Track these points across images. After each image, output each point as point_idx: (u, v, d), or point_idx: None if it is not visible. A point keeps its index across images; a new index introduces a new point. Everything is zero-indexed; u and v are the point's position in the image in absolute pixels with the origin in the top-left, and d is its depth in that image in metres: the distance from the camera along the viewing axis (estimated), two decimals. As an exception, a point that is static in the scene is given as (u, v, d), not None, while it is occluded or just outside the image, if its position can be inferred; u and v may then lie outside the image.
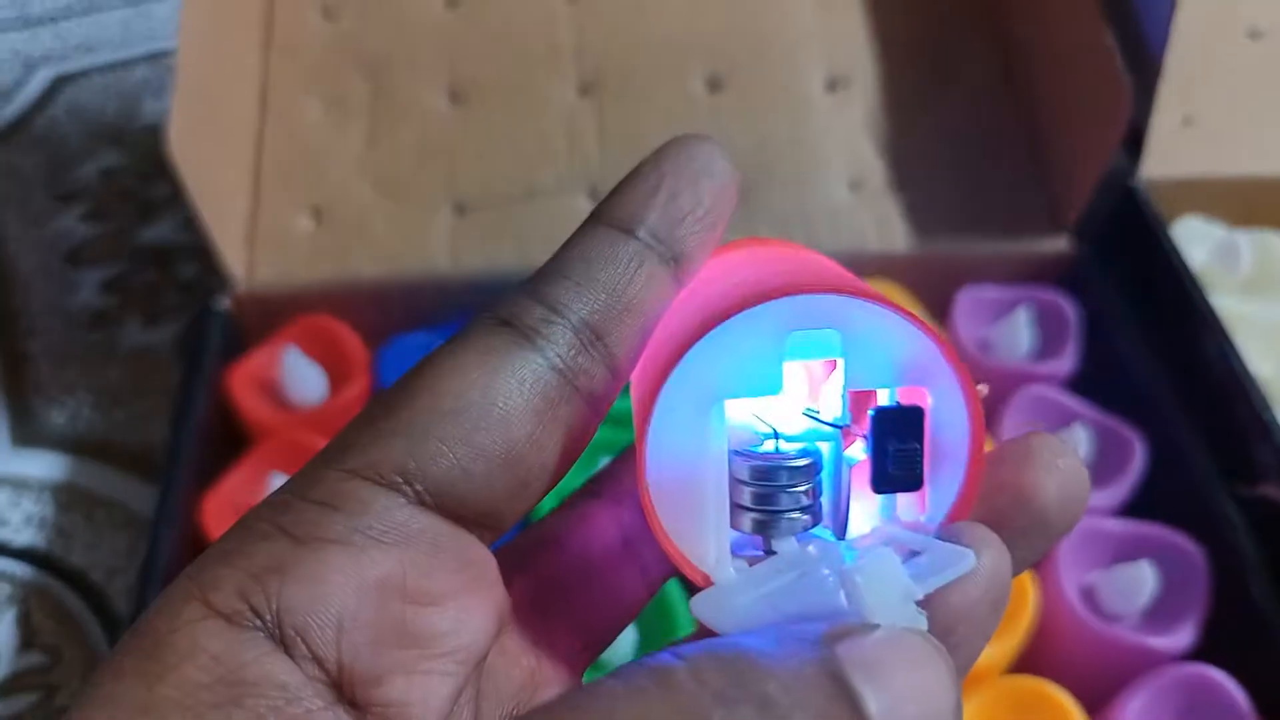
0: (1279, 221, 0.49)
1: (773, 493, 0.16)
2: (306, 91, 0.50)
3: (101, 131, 0.61)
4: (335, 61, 0.51)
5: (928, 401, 0.16)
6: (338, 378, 0.45)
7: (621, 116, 0.50)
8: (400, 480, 0.15)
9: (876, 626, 0.14)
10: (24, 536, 0.45)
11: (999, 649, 0.36)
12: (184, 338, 0.52)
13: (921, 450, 0.16)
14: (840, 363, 0.16)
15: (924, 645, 0.14)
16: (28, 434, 0.49)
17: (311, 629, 0.14)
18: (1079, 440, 0.41)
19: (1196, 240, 0.48)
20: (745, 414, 0.17)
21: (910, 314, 0.16)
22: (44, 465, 0.48)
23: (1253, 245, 0.47)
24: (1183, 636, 0.37)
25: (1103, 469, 0.41)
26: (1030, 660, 0.38)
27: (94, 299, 0.54)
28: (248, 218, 0.48)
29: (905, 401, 0.16)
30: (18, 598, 0.43)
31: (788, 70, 0.51)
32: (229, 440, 0.45)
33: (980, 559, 0.15)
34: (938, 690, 0.14)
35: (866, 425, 0.16)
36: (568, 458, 0.17)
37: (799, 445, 0.17)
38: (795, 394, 0.17)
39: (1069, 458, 0.17)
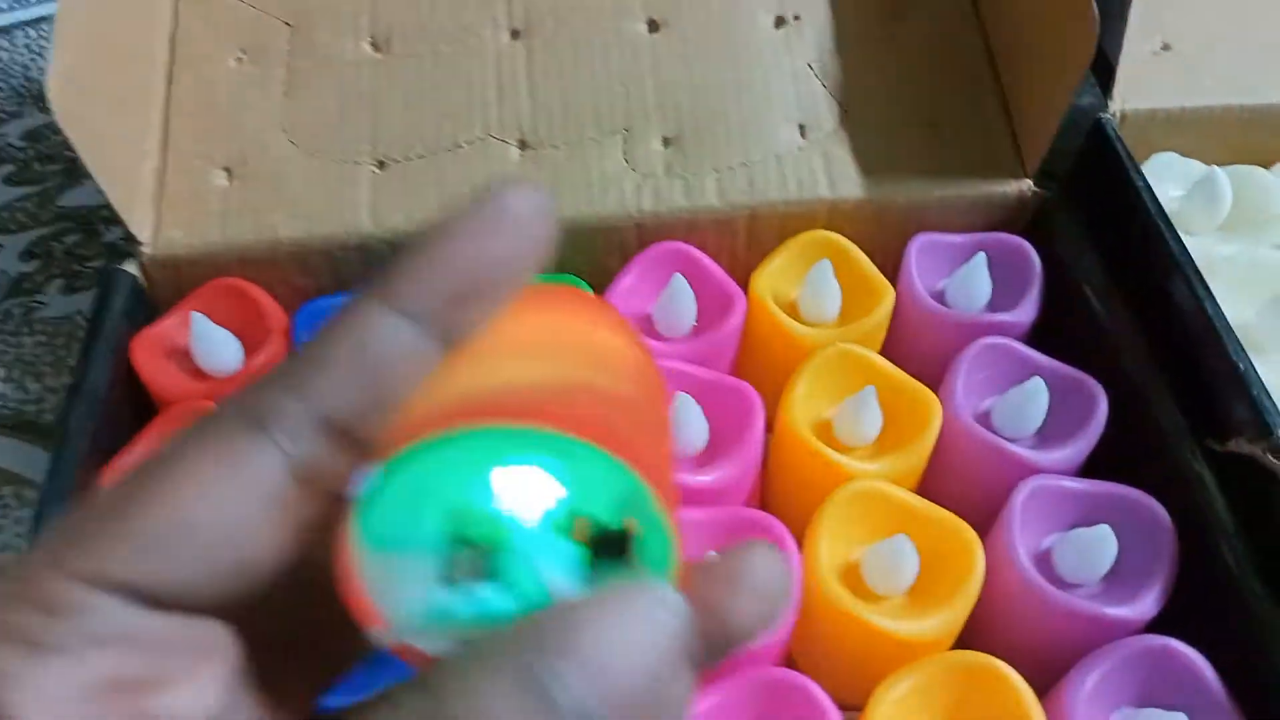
0: (1262, 157, 0.46)
1: (475, 576, 0.16)
2: (219, 40, 0.47)
3: (26, 90, 0.58)
4: (250, 7, 0.48)
5: (637, 529, 0.16)
6: (252, 344, 0.42)
7: (556, 61, 0.47)
8: (124, 588, 0.15)
9: (579, 600, 0.14)
10: (-68, 517, 0.43)
11: (940, 621, 0.34)
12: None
13: (628, 569, 0.16)
14: (553, 481, 0.16)
15: (631, 595, 0.14)
16: (-60, 409, 0.47)
17: None
18: (1036, 393, 0.38)
19: (1172, 178, 0.45)
20: (465, 494, 0.16)
21: (620, 450, 0.16)
22: (-44, 442, 0.45)
23: (1233, 182, 0.44)
24: (1146, 605, 0.34)
25: (1062, 424, 0.38)
26: (975, 633, 0.35)
27: (13, 265, 0.51)
28: (156, 175, 0.45)
29: (615, 525, 0.16)
30: (-77, 581, 0.41)
31: (733, 7, 0.48)
32: (140, 414, 0.42)
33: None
34: (642, 639, 0.13)
35: (579, 534, 0.16)
36: (312, 549, 0.16)
37: (508, 533, 0.16)
38: (506, 504, 0.16)
39: (768, 572, 0.16)
